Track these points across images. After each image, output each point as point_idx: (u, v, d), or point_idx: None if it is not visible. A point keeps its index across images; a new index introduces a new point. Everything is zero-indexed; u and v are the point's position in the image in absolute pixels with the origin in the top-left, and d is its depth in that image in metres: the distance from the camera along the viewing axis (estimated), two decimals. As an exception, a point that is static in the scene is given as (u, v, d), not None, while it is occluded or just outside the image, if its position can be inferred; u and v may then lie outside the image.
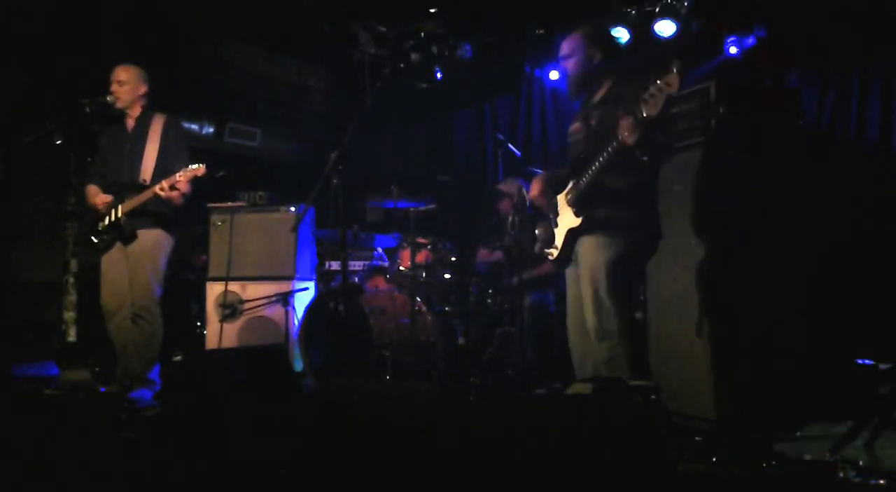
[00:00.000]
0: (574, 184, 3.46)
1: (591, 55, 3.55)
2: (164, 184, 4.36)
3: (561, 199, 3.56)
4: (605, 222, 3.37)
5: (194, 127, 7.03)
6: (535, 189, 3.68)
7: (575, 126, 3.65)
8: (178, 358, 5.19)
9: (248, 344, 5.34)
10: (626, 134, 3.11)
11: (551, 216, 3.63)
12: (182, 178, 4.36)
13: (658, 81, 2.98)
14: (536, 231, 3.77)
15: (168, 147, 4.60)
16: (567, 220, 3.50)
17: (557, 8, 6.51)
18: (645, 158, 3.24)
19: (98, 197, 4.58)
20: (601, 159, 3.28)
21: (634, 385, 3.13)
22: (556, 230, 3.59)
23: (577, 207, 3.44)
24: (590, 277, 3.38)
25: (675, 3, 6.11)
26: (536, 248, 3.79)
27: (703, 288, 3.51)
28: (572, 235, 3.47)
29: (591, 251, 3.39)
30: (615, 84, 3.53)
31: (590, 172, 3.34)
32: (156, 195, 4.40)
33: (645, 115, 2.99)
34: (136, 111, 4.66)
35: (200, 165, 4.37)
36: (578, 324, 3.51)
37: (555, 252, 3.59)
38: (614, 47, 3.65)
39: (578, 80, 3.60)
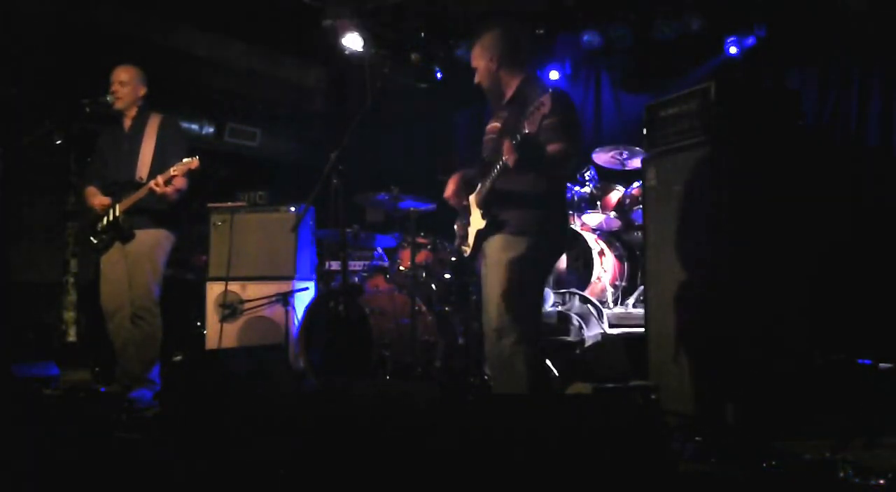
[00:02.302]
0: (480, 186, 3.52)
1: (492, 57, 3.60)
2: (159, 179, 4.34)
3: (472, 199, 3.61)
4: (510, 224, 3.42)
5: (194, 127, 7.03)
6: (449, 189, 3.72)
7: (491, 125, 3.69)
8: (178, 358, 5.19)
9: (248, 344, 5.34)
10: (506, 157, 3.21)
11: (465, 215, 3.67)
12: (176, 172, 4.33)
13: (535, 101, 3.08)
14: (455, 227, 3.81)
15: (164, 145, 4.58)
16: (476, 220, 3.56)
17: (557, 8, 6.52)
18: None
19: (96, 199, 4.57)
20: (496, 169, 3.34)
21: (634, 385, 3.14)
22: (468, 229, 3.64)
23: (483, 208, 3.50)
24: (493, 277, 3.42)
25: (674, 3, 6.13)
26: (455, 243, 3.81)
27: (703, 288, 3.51)
28: (479, 236, 3.52)
29: (496, 252, 3.44)
30: (522, 84, 3.56)
31: (491, 176, 3.40)
32: (151, 191, 4.37)
33: (526, 131, 3.08)
34: (133, 111, 4.65)
35: (193, 158, 4.35)
36: (487, 324, 3.52)
37: (467, 249, 3.63)
38: (518, 49, 3.66)
39: (484, 83, 3.66)
